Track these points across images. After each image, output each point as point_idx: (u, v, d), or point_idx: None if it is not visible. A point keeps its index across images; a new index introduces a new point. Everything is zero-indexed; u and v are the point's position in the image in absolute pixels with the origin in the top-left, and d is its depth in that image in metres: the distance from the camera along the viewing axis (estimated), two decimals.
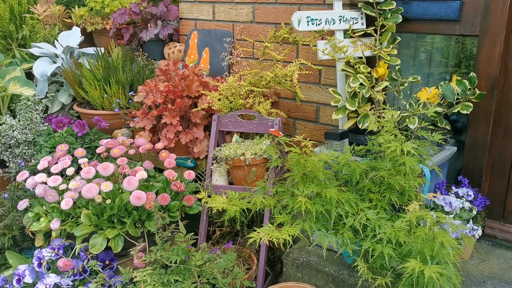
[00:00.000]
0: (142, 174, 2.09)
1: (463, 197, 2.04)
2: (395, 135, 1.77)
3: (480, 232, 2.02)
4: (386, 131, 1.76)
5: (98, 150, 2.38)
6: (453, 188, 2.10)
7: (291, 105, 2.78)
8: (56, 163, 2.31)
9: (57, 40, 3.23)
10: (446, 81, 2.15)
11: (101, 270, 1.82)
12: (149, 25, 3.08)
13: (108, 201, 2.06)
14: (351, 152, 2.02)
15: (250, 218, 2.42)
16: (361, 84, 2.19)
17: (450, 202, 1.95)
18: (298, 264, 2.18)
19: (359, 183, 1.76)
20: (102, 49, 3.16)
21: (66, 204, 2.04)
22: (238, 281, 1.86)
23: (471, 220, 2.01)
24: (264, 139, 2.20)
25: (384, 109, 1.92)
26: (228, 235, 2.48)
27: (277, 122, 2.30)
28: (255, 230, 1.58)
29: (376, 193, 1.72)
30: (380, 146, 1.79)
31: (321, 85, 2.64)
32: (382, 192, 1.70)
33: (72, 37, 3.25)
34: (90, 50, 3.21)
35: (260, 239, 1.53)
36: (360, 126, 2.19)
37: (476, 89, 2.11)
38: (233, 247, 2.33)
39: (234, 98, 2.38)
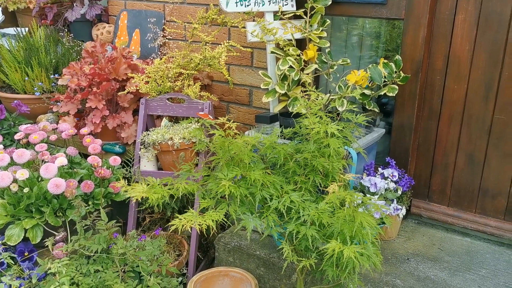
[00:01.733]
0: (61, 160, 1.98)
1: (389, 177, 2.08)
2: (321, 117, 1.77)
3: (404, 211, 2.07)
4: (311, 113, 1.76)
5: (16, 136, 2.24)
6: (380, 169, 2.14)
7: (225, 89, 2.74)
8: None
9: None
10: (375, 64, 2.18)
11: (13, 262, 1.72)
12: (74, 4, 2.92)
13: (25, 190, 1.94)
14: (280, 135, 2.01)
15: (181, 203, 2.37)
16: (290, 66, 2.18)
17: (375, 183, 1.99)
18: (230, 248, 2.16)
19: (285, 165, 1.75)
20: (25, 29, 2.97)
21: None
22: (163, 268, 1.81)
23: (395, 200, 2.05)
24: (191, 122, 2.15)
25: (309, 91, 1.91)
26: (159, 221, 2.42)
27: (207, 105, 2.25)
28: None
29: (301, 176, 1.71)
30: (307, 128, 1.78)
31: (253, 68, 2.61)
32: (307, 174, 1.70)
33: None
34: (11, 30, 3.01)
35: (183, 226, 1.49)
36: (290, 109, 2.18)
37: (401, 72, 2.15)
38: (163, 234, 2.27)
39: (163, 81, 2.30)
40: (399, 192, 2.08)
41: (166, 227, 2.38)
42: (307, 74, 2.21)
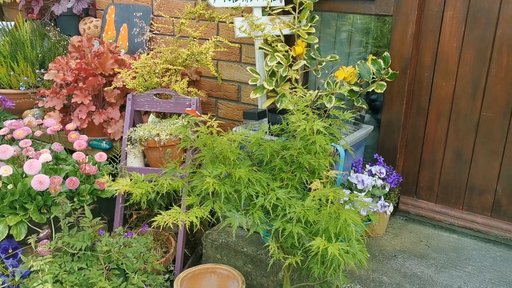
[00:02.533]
0: (45, 157, 1.96)
1: (376, 174, 2.07)
2: (307, 114, 1.75)
3: (391, 208, 2.07)
4: (297, 109, 1.75)
5: (0, 132, 2.21)
6: (367, 166, 2.14)
7: (213, 84, 2.72)
8: None
9: None
10: (363, 61, 2.17)
11: None
12: None
13: (9, 186, 1.92)
14: (268, 131, 2.00)
15: (168, 200, 2.36)
16: (278, 63, 2.16)
17: (362, 180, 1.98)
18: (217, 245, 2.15)
19: (271, 162, 1.73)
20: (11, 23, 2.93)
21: None
22: (149, 265, 1.79)
23: (383, 197, 2.05)
24: (179, 119, 2.13)
25: (296, 87, 1.90)
26: (146, 218, 2.40)
27: (194, 101, 2.23)
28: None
29: (287, 173, 1.70)
30: (294, 125, 1.77)
31: (242, 64, 2.59)
32: (293, 171, 1.69)
33: None
34: None
35: (165, 222, 1.48)
36: (278, 105, 2.17)
37: (390, 68, 2.14)
38: (150, 230, 2.25)
39: (150, 77, 2.28)
40: (387, 189, 2.08)
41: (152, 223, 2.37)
42: (296, 70, 2.19)
